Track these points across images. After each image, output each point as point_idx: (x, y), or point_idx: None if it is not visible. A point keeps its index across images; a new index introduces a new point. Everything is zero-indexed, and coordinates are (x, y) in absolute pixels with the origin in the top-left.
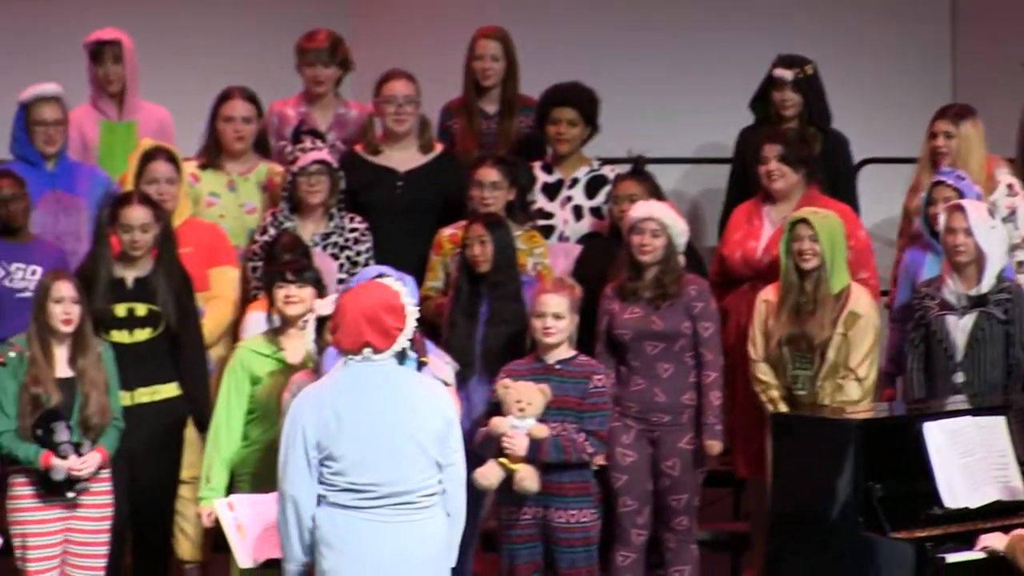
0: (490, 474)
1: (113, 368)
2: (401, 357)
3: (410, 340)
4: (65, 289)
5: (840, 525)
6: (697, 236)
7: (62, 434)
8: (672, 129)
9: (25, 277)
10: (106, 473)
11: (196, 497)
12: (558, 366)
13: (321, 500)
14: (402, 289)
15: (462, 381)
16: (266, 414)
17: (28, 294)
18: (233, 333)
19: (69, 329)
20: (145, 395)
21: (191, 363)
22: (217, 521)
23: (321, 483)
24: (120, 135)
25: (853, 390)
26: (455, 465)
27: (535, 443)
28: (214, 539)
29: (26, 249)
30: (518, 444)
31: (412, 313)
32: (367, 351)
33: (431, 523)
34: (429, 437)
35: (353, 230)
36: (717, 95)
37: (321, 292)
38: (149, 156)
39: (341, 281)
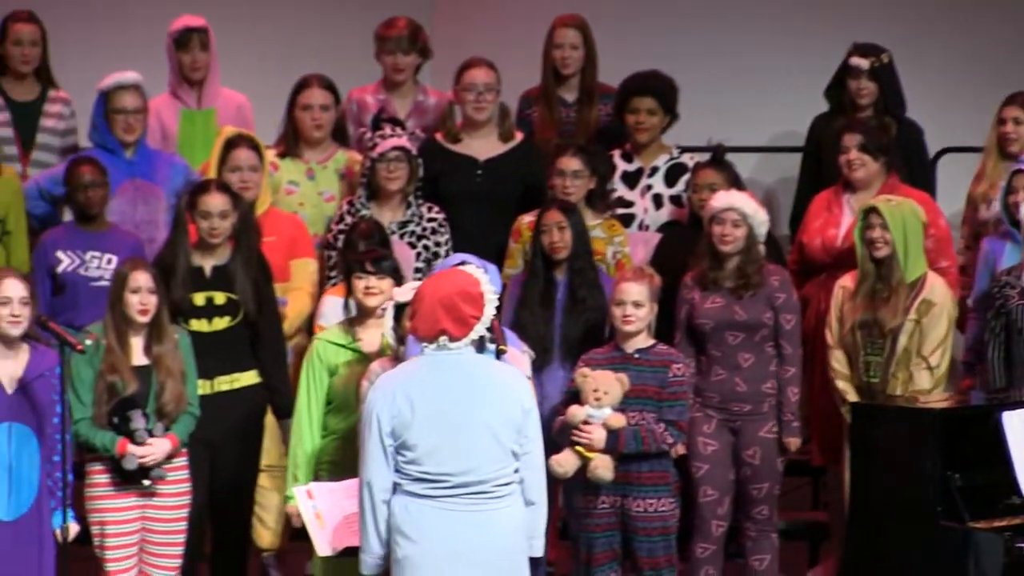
0: (565, 462)
1: (190, 356)
2: (480, 345)
3: (489, 329)
4: (142, 279)
5: (919, 515)
6: (771, 225)
7: (138, 422)
8: (746, 117)
9: (101, 266)
10: (182, 461)
11: (276, 487)
12: (637, 355)
13: (397, 488)
14: (482, 277)
15: (538, 369)
16: (344, 404)
17: (104, 283)
18: (310, 320)
19: (145, 319)
20: (225, 383)
21: (270, 351)
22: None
23: (396, 471)
24: (200, 123)
25: (924, 379)
26: (531, 454)
27: (613, 433)
28: (292, 527)
29: (102, 237)
30: (595, 435)
31: (491, 301)
32: (443, 339)
33: (506, 512)
34: (504, 426)
35: (431, 220)
36: (791, 83)
37: (399, 281)
38: (231, 144)
39: (418, 270)
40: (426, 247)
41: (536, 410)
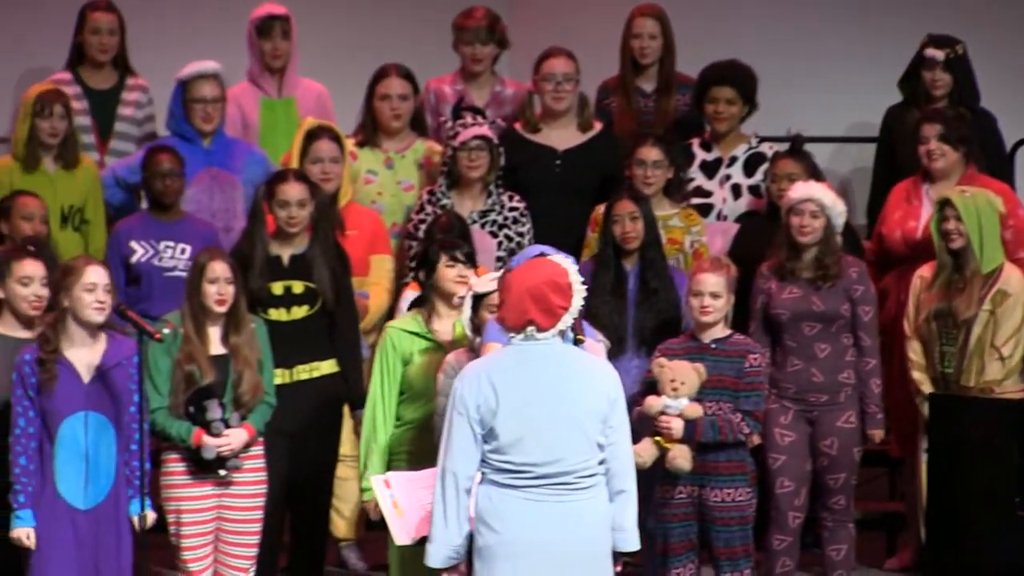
0: (644, 452)
1: (266, 346)
2: (559, 335)
3: None
4: (220, 269)
5: (998, 504)
6: (847, 215)
7: (214, 412)
8: (822, 107)
9: (174, 256)
10: (258, 450)
11: (353, 477)
12: (713, 345)
13: (481, 478)
14: (571, 267)
15: (613, 359)
16: (418, 394)
17: (177, 273)
18: (389, 315)
19: (222, 309)
20: (304, 372)
21: (346, 341)
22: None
23: (480, 461)
24: (281, 112)
25: (996, 369)
26: (617, 444)
27: (691, 423)
28: (369, 517)
29: (176, 227)
30: (674, 425)
31: (579, 292)
32: (530, 329)
33: (590, 504)
34: (590, 417)
35: (512, 209)
36: (865, 74)
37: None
38: (313, 135)
39: (500, 259)
40: (508, 237)
41: (623, 400)
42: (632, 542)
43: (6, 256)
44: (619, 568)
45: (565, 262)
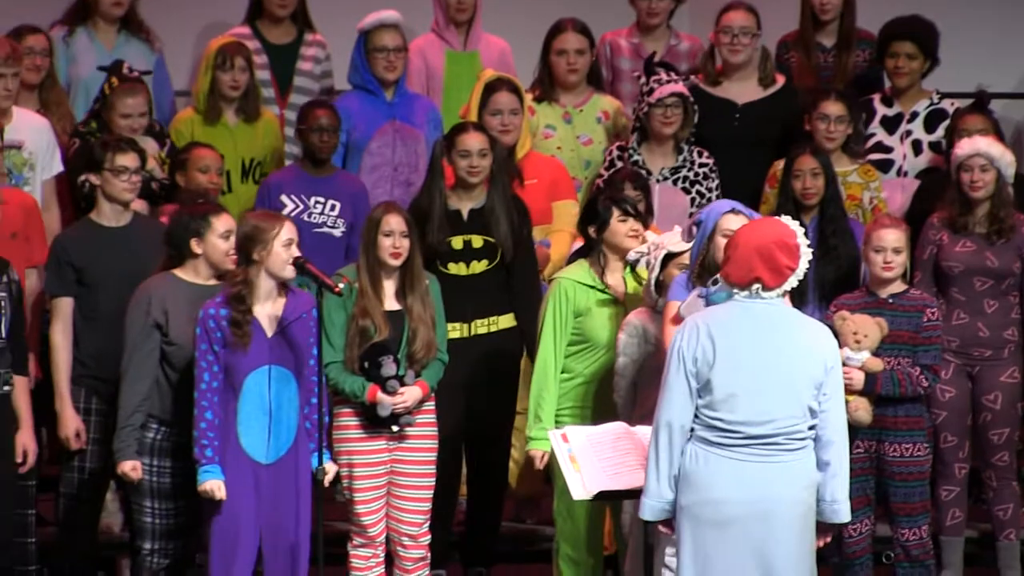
0: None
1: (439, 302)
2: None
3: None
4: (395, 222)
5: None
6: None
7: (389, 368)
8: (998, 61)
9: (324, 212)
10: (430, 406)
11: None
12: (891, 300)
13: (689, 435)
14: (798, 228)
15: None
16: (590, 347)
17: (325, 229)
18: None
19: (397, 263)
20: (481, 327)
21: (525, 294)
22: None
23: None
24: (465, 65)
25: None
26: (830, 412)
27: (871, 376)
28: (545, 470)
29: (327, 183)
30: (855, 377)
31: (806, 254)
32: (756, 287)
33: (798, 465)
34: (805, 381)
35: (703, 165)
36: None
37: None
38: (492, 87)
39: (691, 216)
40: (699, 193)
41: (840, 369)
42: (843, 514)
43: (204, 211)
44: (828, 539)
45: (793, 223)
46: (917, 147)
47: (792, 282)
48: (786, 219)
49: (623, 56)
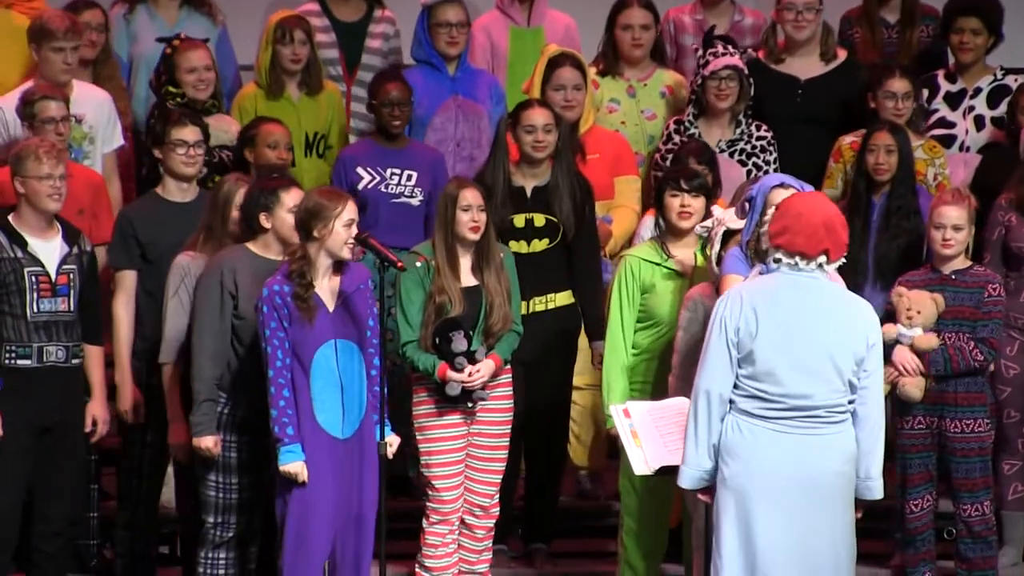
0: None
1: (514, 275)
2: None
3: None
4: (471, 196)
5: None
6: None
7: (459, 344)
8: None
9: (401, 182)
10: (506, 378)
11: (591, 406)
12: (953, 276)
13: (729, 405)
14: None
15: (852, 290)
16: (657, 323)
17: (403, 200)
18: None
19: (476, 236)
20: (540, 304)
21: (586, 272)
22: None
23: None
24: (529, 41)
25: None
26: (869, 389)
27: (924, 353)
28: (608, 445)
29: (402, 154)
30: (903, 357)
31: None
32: (821, 259)
33: (838, 438)
34: (846, 355)
35: (760, 138)
36: None
37: (710, 202)
38: (555, 62)
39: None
40: (756, 165)
41: (881, 346)
42: (876, 490)
43: (274, 186)
44: (859, 514)
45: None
46: (979, 122)
47: (842, 259)
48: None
49: (687, 33)
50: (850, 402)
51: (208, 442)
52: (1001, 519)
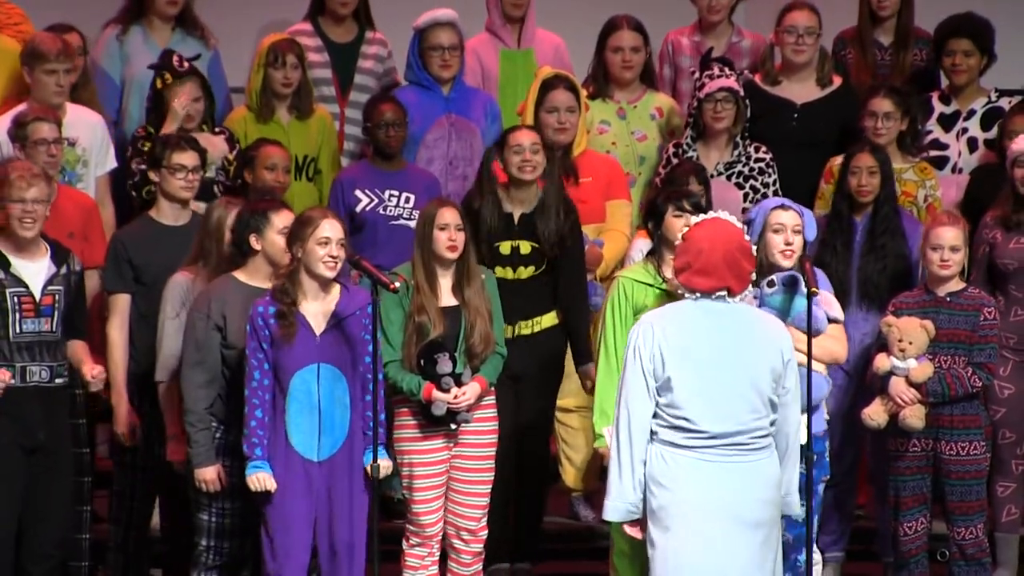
0: (876, 415)
1: (496, 296)
2: (793, 287)
3: (801, 270)
4: (449, 215)
5: None
6: None
7: (444, 366)
8: None
9: (399, 204)
10: (490, 400)
11: (584, 427)
12: (948, 298)
13: (652, 436)
14: (743, 227)
15: None
16: None
17: (401, 222)
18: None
19: (454, 256)
20: (525, 328)
21: (572, 295)
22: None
23: (653, 417)
24: (520, 63)
25: None
26: (788, 406)
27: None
28: (601, 467)
29: (399, 176)
30: (896, 387)
31: (752, 253)
32: (723, 293)
33: (762, 464)
34: (764, 376)
35: (759, 160)
36: None
37: None
38: (549, 85)
39: (745, 211)
40: (753, 188)
41: (795, 362)
42: (794, 505)
43: (264, 208)
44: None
45: (736, 221)
46: (972, 144)
47: (751, 286)
48: (723, 214)
49: (684, 54)
50: (772, 423)
51: (209, 474)
52: (995, 541)
